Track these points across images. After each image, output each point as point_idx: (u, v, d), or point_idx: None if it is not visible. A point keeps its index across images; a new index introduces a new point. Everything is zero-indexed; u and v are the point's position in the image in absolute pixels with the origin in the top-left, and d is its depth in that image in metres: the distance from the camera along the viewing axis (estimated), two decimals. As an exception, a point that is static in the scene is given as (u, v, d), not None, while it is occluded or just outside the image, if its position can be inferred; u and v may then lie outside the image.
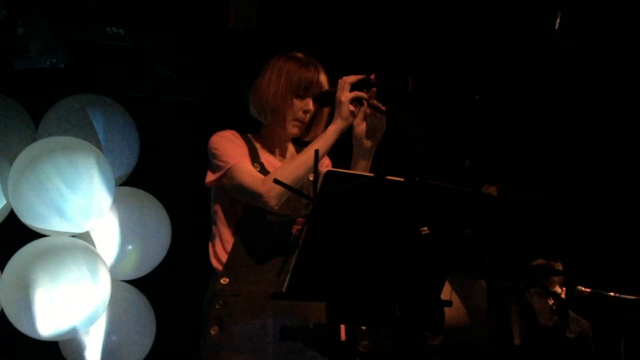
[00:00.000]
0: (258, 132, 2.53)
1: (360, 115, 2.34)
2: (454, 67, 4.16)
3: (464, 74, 4.19)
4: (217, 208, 2.45)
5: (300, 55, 2.48)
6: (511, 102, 4.30)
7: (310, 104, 2.44)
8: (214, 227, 2.46)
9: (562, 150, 4.48)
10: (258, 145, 2.49)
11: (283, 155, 2.54)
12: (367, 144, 2.37)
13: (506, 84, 4.31)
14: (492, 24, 4.11)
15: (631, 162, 4.53)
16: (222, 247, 2.41)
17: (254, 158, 2.44)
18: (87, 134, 3.96)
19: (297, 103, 2.43)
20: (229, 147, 2.41)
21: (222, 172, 2.38)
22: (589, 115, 4.45)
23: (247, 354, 2.31)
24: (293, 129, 2.46)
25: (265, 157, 2.47)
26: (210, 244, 2.46)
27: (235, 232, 2.40)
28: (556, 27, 4.04)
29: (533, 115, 4.40)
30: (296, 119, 2.44)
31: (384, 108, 2.33)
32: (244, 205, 2.39)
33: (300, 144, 2.57)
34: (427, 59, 4.01)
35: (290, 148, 2.57)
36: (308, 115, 2.45)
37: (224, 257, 2.39)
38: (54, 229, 3.76)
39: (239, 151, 2.41)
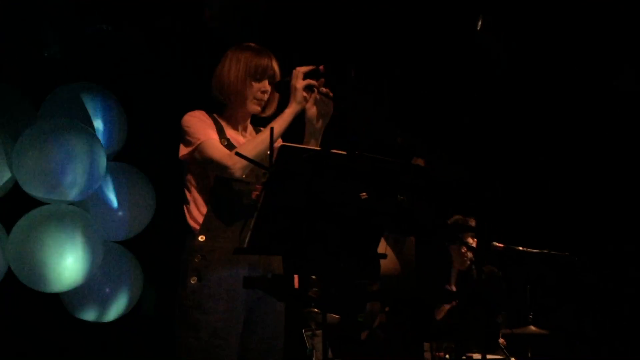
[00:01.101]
0: (222, 113, 2.50)
1: (311, 101, 2.33)
2: (390, 61, 4.18)
3: (398, 67, 4.22)
4: (190, 177, 2.42)
5: (253, 45, 2.47)
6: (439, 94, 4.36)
7: (266, 85, 2.43)
8: (188, 193, 2.43)
9: (473, 130, 4.58)
10: (224, 124, 2.47)
11: (244, 131, 2.52)
12: (317, 125, 2.37)
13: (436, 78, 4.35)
14: (419, 23, 4.13)
15: (530, 133, 4.63)
16: (197, 210, 2.39)
17: (221, 134, 2.42)
18: (82, 116, 3.89)
19: (256, 85, 2.42)
20: (199, 125, 2.39)
21: (193, 146, 2.37)
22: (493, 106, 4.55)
23: (222, 299, 2.30)
24: (254, 107, 2.45)
25: (230, 133, 2.45)
26: (185, 208, 2.43)
27: (209, 198, 2.38)
28: (478, 29, 4.06)
29: (449, 105, 4.47)
30: (255, 99, 2.43)
31: (332, 94, 2.33)
32: (215, 175, 2.38)
33: (258, 123, 2.56)
34: (369, 54, 4.02)
35: (249, 126, 2.55)
36: (265, 95, 2.44)
37: (200, 219, 2.37)
38: (54, 198, 3.70)
39: (208, 129, 2.39)
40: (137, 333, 4.16)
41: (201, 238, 2.34)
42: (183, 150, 2.40)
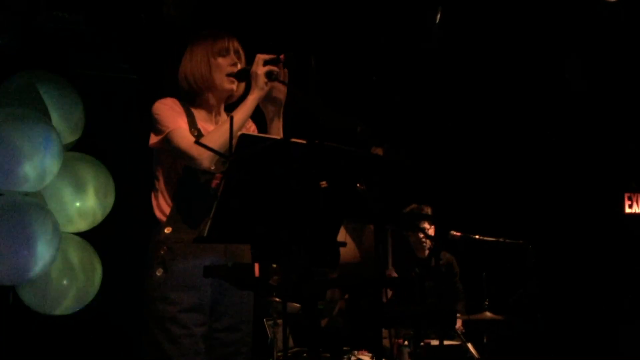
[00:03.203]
0: (194, 102, 2.43)
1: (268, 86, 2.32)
2: (352, 52, 4.21)
3: (359, 58, 4.25)
4: (159, 167, 2.36)
5: (209, 31, 2.42)
6: (395, 84, 4.41)
7: (234, 58, 2.37)
8: (156, 182, 2.37)
9: (432, 121, 4.66)
10: (195, 113, 2.39)
11: (217, 120, 2.45)
12: (272, 109, 2.37)
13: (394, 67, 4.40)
14: (383, 17, 4.16)
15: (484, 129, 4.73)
16: (164, 200, 2.33)
17: (192, 124, 2.36)
18: (38, 105, 3.80)
19: (223, 61, 2.36)
20: (169, 113, 2.32)
21: (162, 135, 2.30)
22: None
23: (188, 290, 2.28)
24: (229, 85, 2.38)
25: (202, 123, 2.38)
26: (153, 198, 2.37)
27: (176, 189, 2.33)
28: (437, 22, 4.11)
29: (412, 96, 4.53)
30: (228, 74, 2.36)
31: (285, 80, 2.31)
32: (183, 166, 2.33)
33: (231, 110, 2.48)
34: (330, 44, 4.04)
35: (223, 113, 2.47)
36: (236, 68, 2.37)
37: (166, 210, 2.32)
38: (9, 189, 3.61)
39: (178, 117, 2.32)
40: (95, 326, 4.10)
41: (167, 230, 2.30)
42: (153, 139, 2.34)
